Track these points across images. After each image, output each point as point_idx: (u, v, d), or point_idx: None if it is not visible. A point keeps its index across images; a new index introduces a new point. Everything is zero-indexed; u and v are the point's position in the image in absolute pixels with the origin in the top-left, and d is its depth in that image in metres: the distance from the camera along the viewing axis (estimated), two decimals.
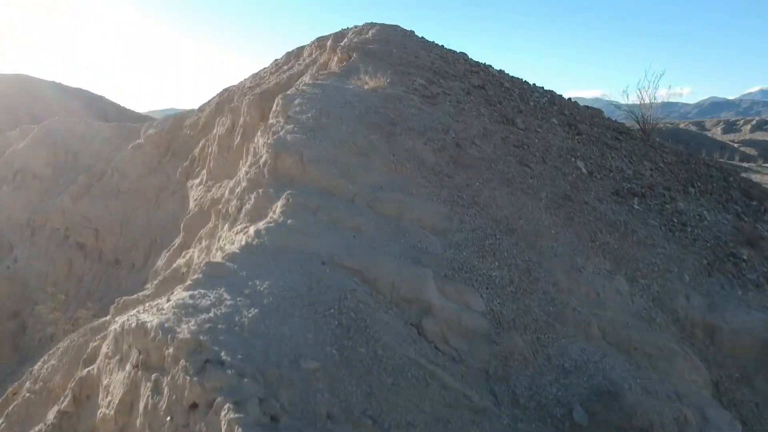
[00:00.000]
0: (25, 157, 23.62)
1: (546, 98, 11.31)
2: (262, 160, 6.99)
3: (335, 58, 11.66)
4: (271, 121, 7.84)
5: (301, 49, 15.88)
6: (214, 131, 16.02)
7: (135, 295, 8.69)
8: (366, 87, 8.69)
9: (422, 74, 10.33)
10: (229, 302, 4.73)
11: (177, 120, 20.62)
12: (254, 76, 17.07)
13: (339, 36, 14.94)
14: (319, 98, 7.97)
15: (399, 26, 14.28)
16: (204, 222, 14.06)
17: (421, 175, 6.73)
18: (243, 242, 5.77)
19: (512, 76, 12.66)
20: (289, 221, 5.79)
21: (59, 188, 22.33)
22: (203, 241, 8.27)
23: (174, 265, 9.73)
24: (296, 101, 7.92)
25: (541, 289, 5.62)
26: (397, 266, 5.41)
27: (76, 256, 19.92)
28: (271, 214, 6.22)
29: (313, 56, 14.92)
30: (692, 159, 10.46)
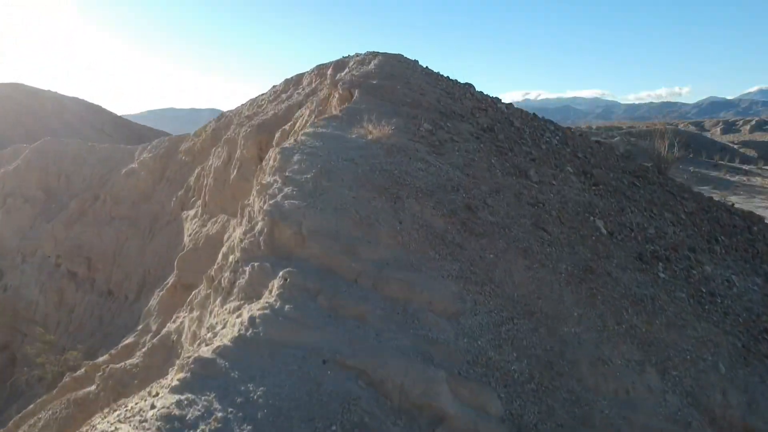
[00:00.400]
0: (16, 179, 23.17)
1: (557, 138, 10.86)
2: (257, 228, 6.51)
3: (336, 95, 11.21)
4: (268, 179, 7.37)
5: (300, 76, 15.45)
6: (210, 162, 15.56)
7: (122, 364, 8.19)
8: (369, 137, 8.22)
9: (428, 116, 9.88)
10: (219, 414, 4.25)
11: (172, 144, 20.17)
12: (252, 102, 16.64)
13: (340, 65, 14.53)
14: (319, 154, 7.49)
15: (402, 56, 13.86)
16: (198, 260, 13.60)
17: (431, 245, 6.24)
18: (236, 332, 5.27)
19: (521, 111, 12.22)
20: (286, 308, 5.30)
21: (51, 213, 21.86)
22: (194, 311, 7.78)
23: (164, 331, 9.22)
24: (295, 157, 7.45)
25: (565, 386, 5.13)
26: (405, 365, 4.91)
27: (67, 286, 19.43)
28: (266, 295, 5.74)
29: (313, 85, 14.49)
30: (713, 206, 9.99)
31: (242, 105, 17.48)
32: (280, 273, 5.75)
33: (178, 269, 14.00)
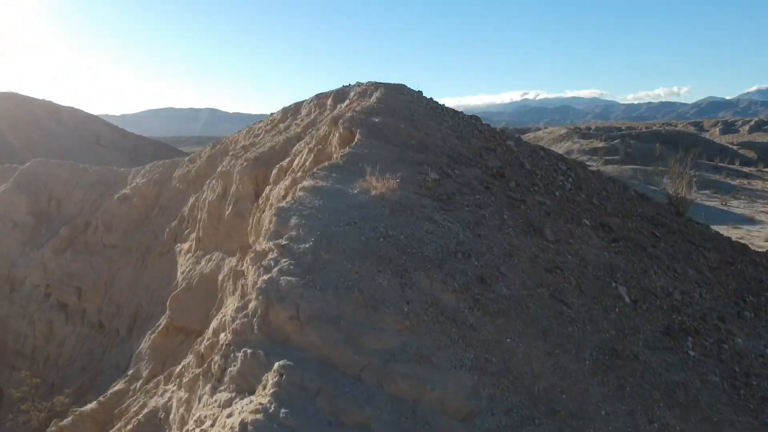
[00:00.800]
0: (5, 203, 22.65)
1: (570, 180, 10.37)
2: (251, 307, 5.99)
3: (337, 134, 10.72)
4: (263, 246, 6.86)
5: (299, 105, 14.97)
6: (204, 195, 15.05)
7: None
8: (373, 192, 7.70)
9: (435, 160, 9.39)
10: None
11: (166, 169, 19.67)
12: (249, 131, 16.15)
13: (340, 95, 14.06)
14: (318, 216, 6.97)
15: (405, 87, 13.40)
16: (191, 301, 13.11)
17: (441, 329, 5.72)
18: None
19: (530, 148, 11.74)
20: (282, 413, 4.79)
21: (41, 239, 21.33)
22: (183, 391, 7.24)
23: (152, 405, 8.66)
24: (292, 220, 6.93)
25: None
26: None
27: (57, 318, 18.88)
28: (260, 391, 5.22)
29: (312, 116, 14.01)
30: (737, 257, 9.48)
31: (239, 132, 16.99)
32: (276, 366, 5.23)
33: (171, 310, 13.47)
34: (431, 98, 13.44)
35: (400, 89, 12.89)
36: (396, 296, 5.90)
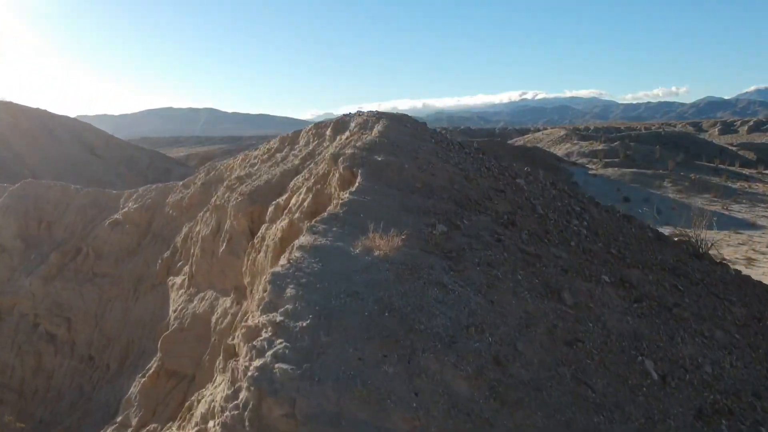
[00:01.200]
0: None
1: (585, 224, 9.84)
2: (242, 398, 5.44)
3: (337, 174, 10.20)
4: (257, 320, 6.31)
5: (297, 134, 14.45)
6: (197, 228, 14.52)
7: None
8: (377, 253, 7.17)
9: (442, 208, 8.88)
10: None
11: (159, 194, 19.14)
12: (244, 159, 15.63)
13: (340, 125, 13.56)
14: (317, 286, 6.44)
15: (408, 118, 12.90)
16: (183, 343, 12.60)
17: (455, 426, 5.17)
18: None
19: (541, 185, 11.22)
20: None
21: (30, 264, 20.78)
22: None
23: None
24: (288, 290, 6.39)
25: None
26: None
27: (46, 349, 18.31)
28: None
29: (310, 147, 13.49)
30: (765, 309, 8.95)
31: (234, 159, 16.46)
32: None
33: (162, 352, 12.92)
34: (435, 129, 12.94)
35: (403, 121, 12.38)
36: (403, 387, 5.35)
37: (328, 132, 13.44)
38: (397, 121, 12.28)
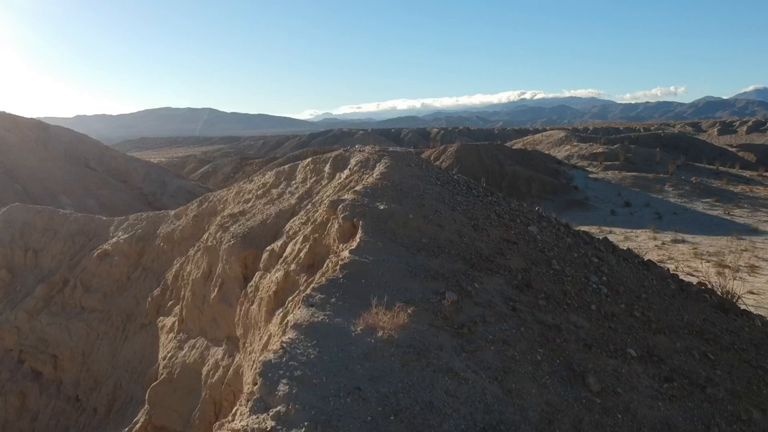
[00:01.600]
0: None
1: (604, 281, 9.19)
2: None
3: (336, 224, 9.56)
4: (245, 420, 5.63)
5: (293, 168, 13.80)
6: (188, 269, 13.85)
7: None
8: (380, 333, 6.51)
9: (451, 269, 8.23)
10: None
11: (150, 224, 18.48)
12: (238, 193, 14.97)
13: (339, 161, 12.93)
14: (314, 381, 5.77)
15: (411, 156, 12.27)
16: (172, 395, 11.91)
17: None
18: None
19: (554, 232, 10.57)
20: None
21: (16, 296, 20.09)
22: None
23: None
24: (281, 386, 5.72)
25: None
26: None
27: (31, 389, 17.60)
28: None
29: (308, 185, 12.85)
30: None
31: (228, 191, 15.80)
32: None
33: (150, 404, 12.24)
34: (439, 167, 12.31)
35: (406, 159, 11.74)
36: None
37: (326, 168, 12.80)
38: (399, 159, 11.64)
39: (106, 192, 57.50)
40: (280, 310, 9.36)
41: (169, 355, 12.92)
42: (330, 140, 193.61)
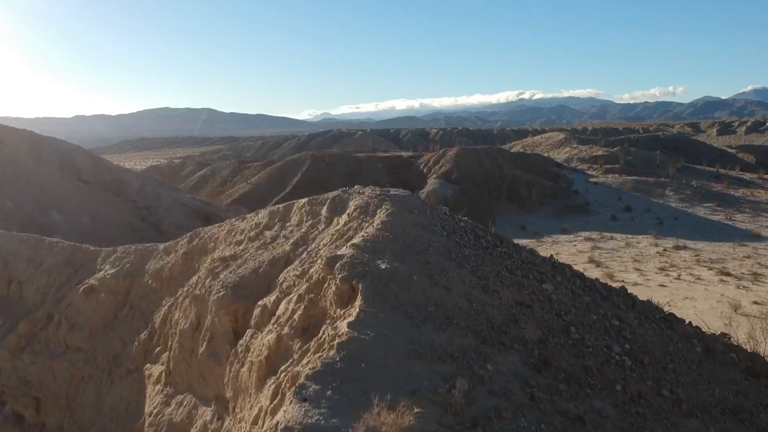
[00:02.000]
0: None
1: (627, 350, 8.49)
2: None
3: (333, 286, 8.84)
4: None
5: (288, 209, 13.07)
6: (177, 317, 13.12)
7: None
8: None
9: (460, 344, 7.54)
10: None
11: (138, 259, 17.73)
12: (230, 232, 14.24)
13: (336, 204, 12.24)
14: None
15: (414, 199, 11.60)
16: None
17: None
18: None
19: (569, 287, 9.88)
20: None
21: None
22: None
23: None
24: None
25: None
26: None
27: None
28: None
29: (303, 229, 12.14)
30: None
31: (219, 228, 15.06)
32: None
33: None
34: (443, 209, 11.60)
35: (409, 206, 11.03)
36: None
37: (323, 211, 12.09)
38: (401, 206, 10.91)
39: (99, 206, 56.57)
40: (272, 379, 8.65)
41: (155, 411, 12.17)
42: (329, 141, 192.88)
